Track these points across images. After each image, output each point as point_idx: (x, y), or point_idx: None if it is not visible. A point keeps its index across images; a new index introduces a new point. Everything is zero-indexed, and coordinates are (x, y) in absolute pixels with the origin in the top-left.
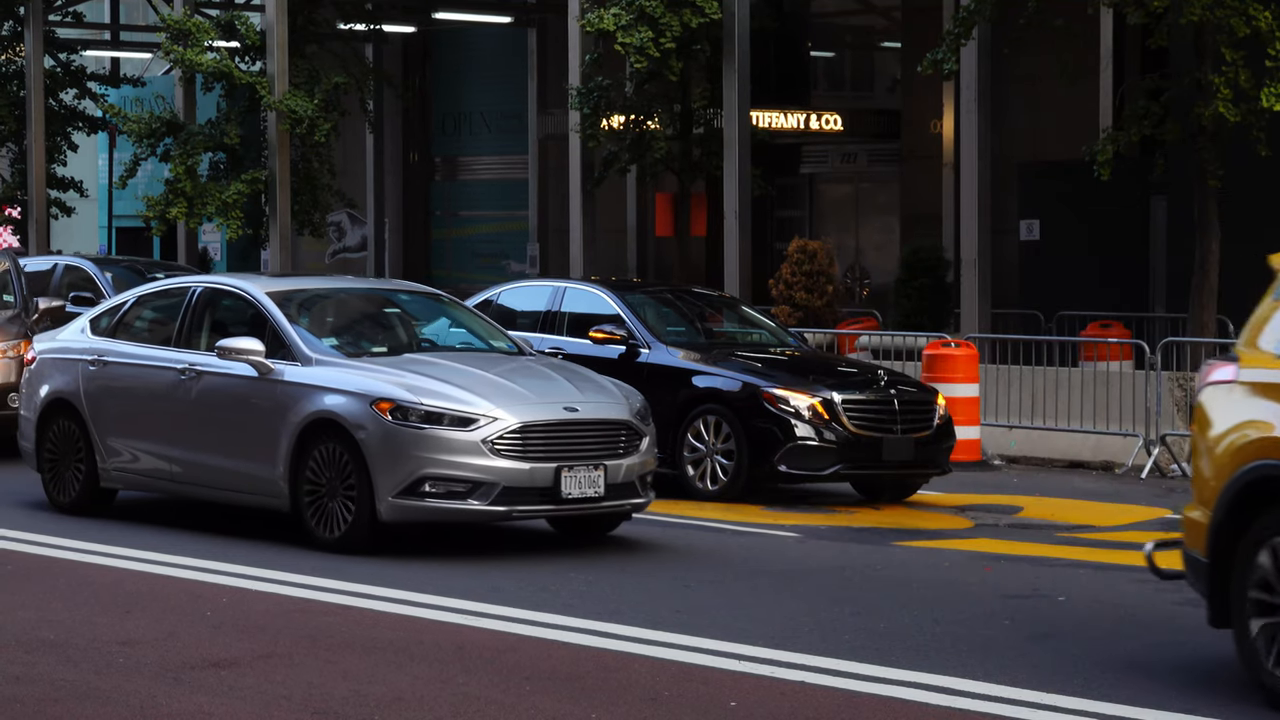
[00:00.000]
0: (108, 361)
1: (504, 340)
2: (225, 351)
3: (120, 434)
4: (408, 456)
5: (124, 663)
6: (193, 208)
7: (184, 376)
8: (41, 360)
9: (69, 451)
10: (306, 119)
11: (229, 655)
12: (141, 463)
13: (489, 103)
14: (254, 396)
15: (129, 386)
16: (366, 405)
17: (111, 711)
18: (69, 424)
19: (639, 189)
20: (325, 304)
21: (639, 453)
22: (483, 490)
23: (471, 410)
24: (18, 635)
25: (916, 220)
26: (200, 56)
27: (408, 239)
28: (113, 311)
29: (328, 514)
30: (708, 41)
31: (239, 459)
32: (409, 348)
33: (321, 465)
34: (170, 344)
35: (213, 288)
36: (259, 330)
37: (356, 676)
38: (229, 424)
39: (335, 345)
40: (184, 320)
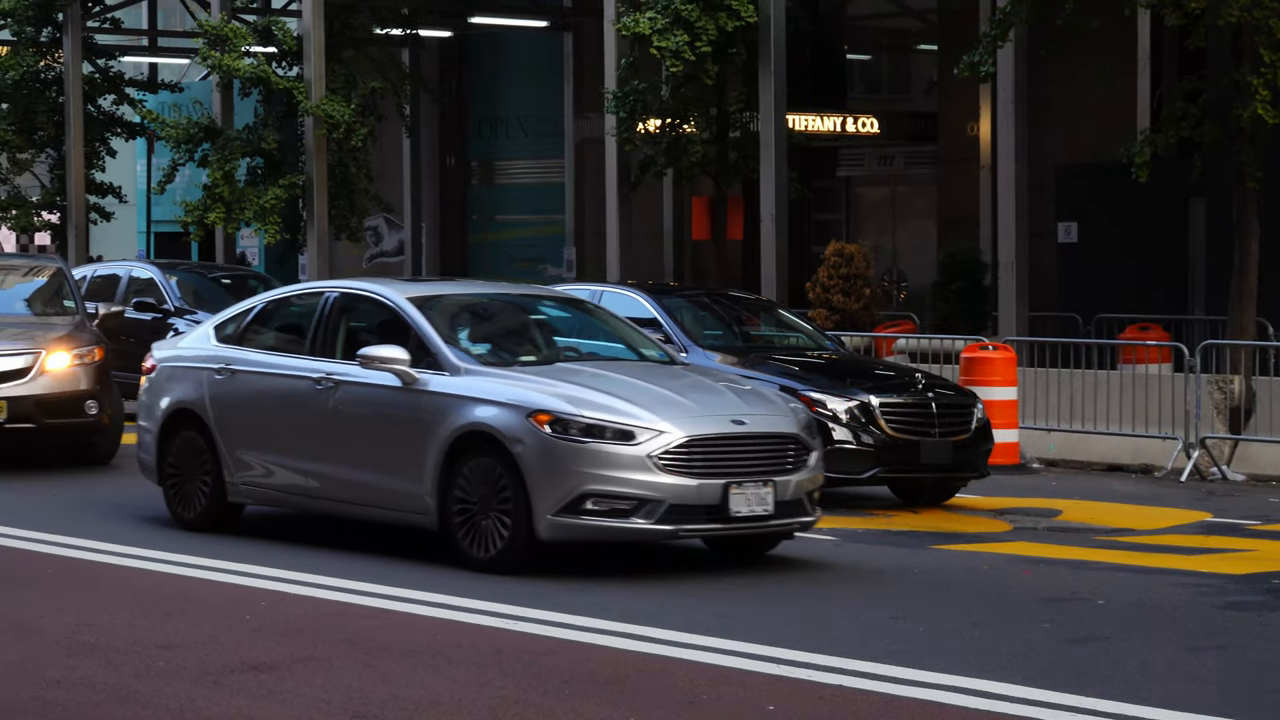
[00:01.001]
0: (236, 370)
1: (654, 348)
2: (368, 360)
3: (251, 446)
4: (569, 472)
5: (164, 666)
6: (231, 213)
7: (320, 386)
8: (162, 369)
9: (194, 465)
10: (343, 123)
11: (268, 659)
12: (275, 477)
13: (525, 107)
14: (398, 407)
15: (260, 396)
16: (523, 417)
17: (151, 715)
18: (193, 436)
19: (675, 192)
20: (468, 310)
21: (807, 468)
22: (648, 508)
23: (635, 423)
24: (59, 638)
25: (954, 223)
26: (237, 62)
27: (445, 243)
28: (239, 318)
29: (480, 532)
30: (743, 45)
31: (382, 473)
32: (558, 356)
33: (473, 481)
34: (303, 352)
35: (349, 293)
36: (400, 338)
37: (395, 680)
38: (371, 437)
39: (483, 354)
40: (318, 327)
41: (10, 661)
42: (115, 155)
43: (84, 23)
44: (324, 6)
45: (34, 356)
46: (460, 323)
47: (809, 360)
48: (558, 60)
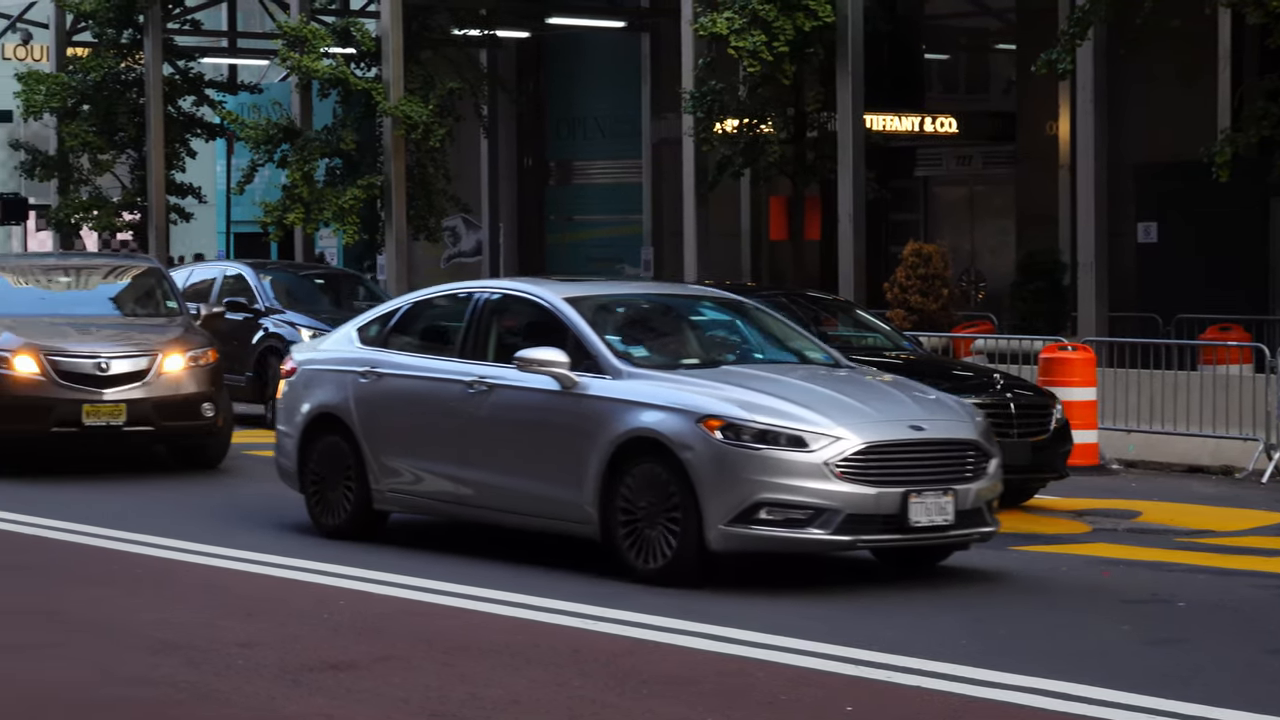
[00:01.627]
0: (382, 373)
1: (819, 350)
2: (525, 363)
3: (398, 452)
4: (742, 480)
5: (244, 665)
6: (309, 213)
7: (473, 390)
8: (303, 372)
9: (337, 471)
10: (421, 124)
11: (347, 657)
12: (424, 484)
13: (603, 107)
14: (556, 412)
15: (408, 401)
16: (692, 423)
17: (231, 713)
18: (337, 441)
19: (753, 192)
20: (625, 310)
21: (987, 476)
22: (825, 518)
23: (811, 429)
24: (141, 637)
25: (1032, 222)
26: (316, 63)
27: (522, 244)
28: (384, 319)
29: (646, 543)
30: (821, 45)
31: (539, 481)
32: (722, 359)
33: (638, 489)
34: (453, 354)
35: (501, 293)
36: (557, 340)
37: (473, 679)
38: (527, 443)
39: (644, 356)
40: (468, 328)
41: (96, 658)
42: (195, 156)
43: (164, 24)
44: (402, 8)
45: (151, 358)
46: (618, 324)
47: (886, 361)
48: (635, 61)
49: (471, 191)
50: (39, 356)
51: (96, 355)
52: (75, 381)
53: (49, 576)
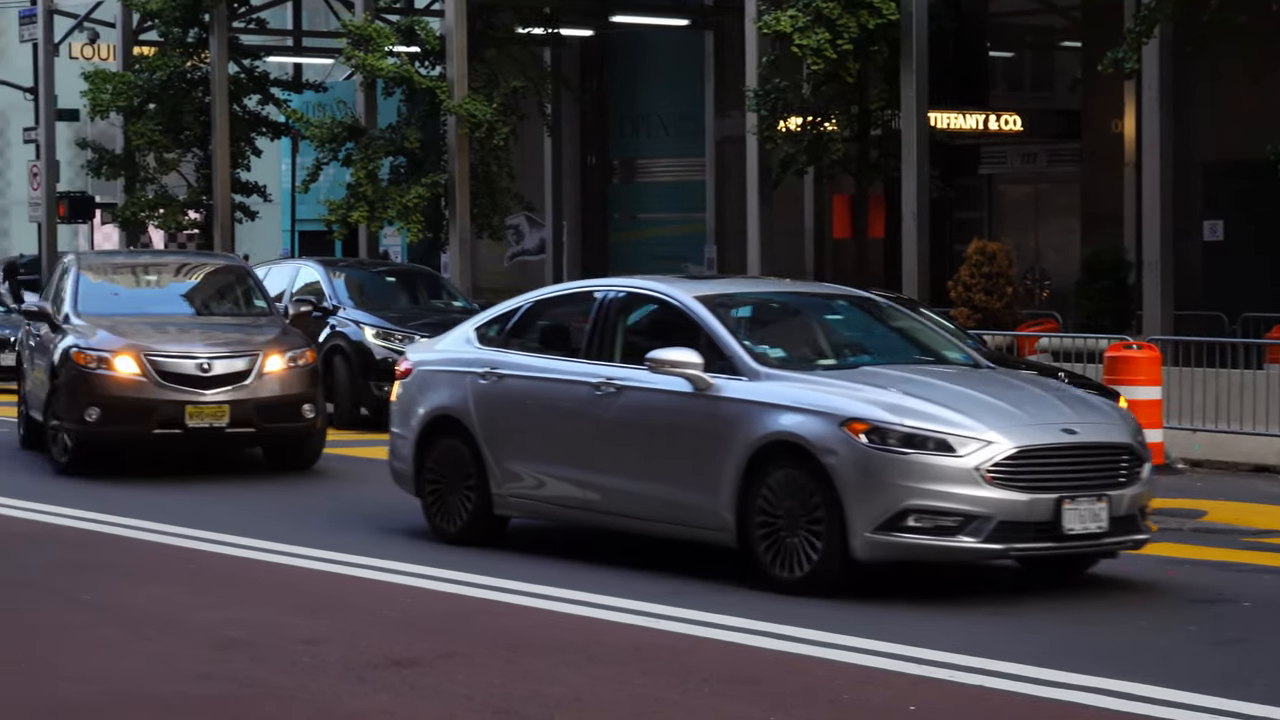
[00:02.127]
0: (503, 374)
1: (957, 350)
2: (657, 364)
3: (521, 456)
4: (889, 485)
5: (308, 661)
6: (374, 211)
7: (600, 392)
8: (420, 373)
9: (456, 475)
10: (485, 122)
11: (411, 654)
12: (548, 489)
13: (666, 105)
14: (690, 415)
15: (531, 402)
16: (835, 426)
17: (295, 710)
18: (456, 444)
19: (816, 191)
20: (758, 310)
21: (1140, 481)
22: (975, 525)
23: (961, 432)
24: (207, 634)
25: (1097, 221)
26: (381, 62)
27: (586, 242)
28: (504, 319)
29: (787, 551)
30: (885, 42)
31: (672, 486)
32: (860, 359)
33: (778, 495)
34: (578, 355)
35: (629, 292)
36: (689, 340)
37: (537, 677)
38: (659, 446)
39: (780, 357)
40: (594, 328)
41: (162, 655)
42: (260, 154)
43: (230, 23)
44: (466, 6)
45: (252, 359)
46: (750, 324)
47: None
48: (699, 58)
49: (535, 190)
50: (139, 357)
51: (198, 356)
52: (177, 382)
53: (126, 575)
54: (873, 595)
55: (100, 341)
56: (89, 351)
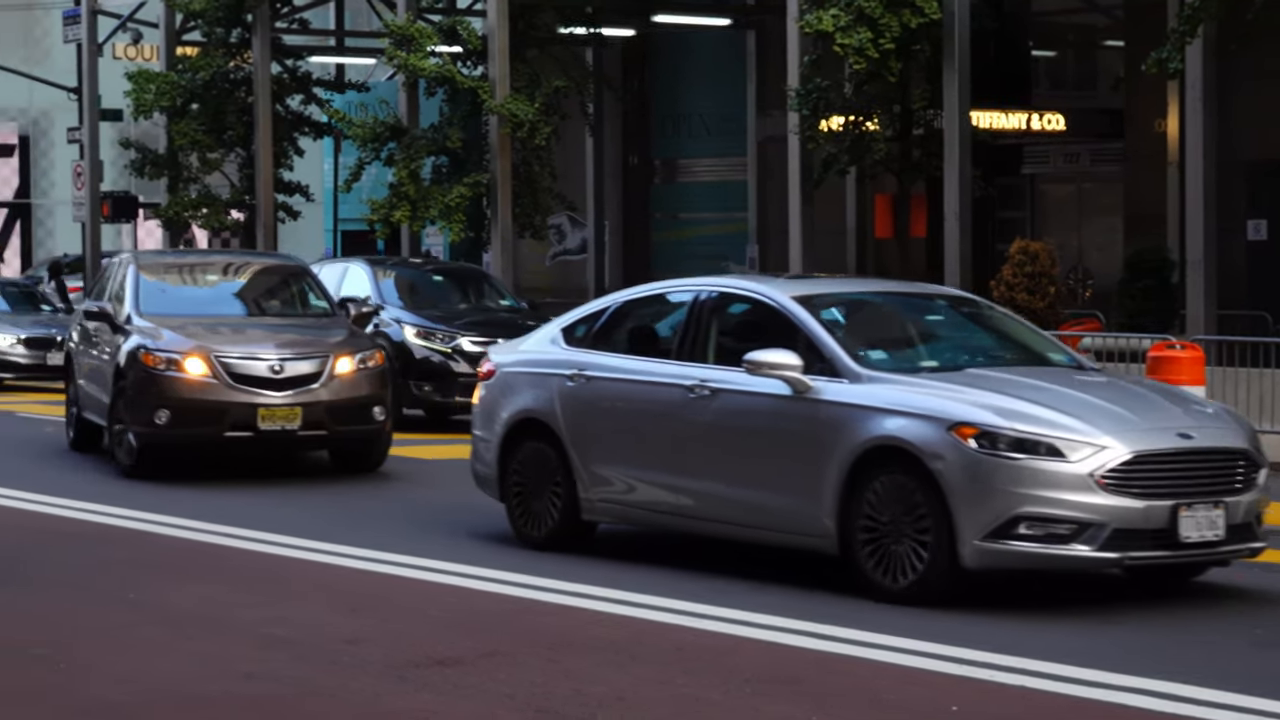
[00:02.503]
0: (591, 376)
1: (1060, 352)
2: (755, 366)
3: (610, 460)
4: (999, 492)
5: (350, 661)
6: (416, 211)
7: (694, 394)
8: (504, 374)
9: (542, 479)
10: (527, 122)
11: (452, 654)
12: (638, 493)
13: (708, 105)
14: (789, 418)
15: (621, 405)
16: (943, 430)
17: (336, 709)
18: (542, 447)
19: (858, 190)
20: (856, 310)
21: (1257, 487)
22: (1090, 533)
23: (1073, 437)
24: (251, 633)
25: (1140, 220)
26: (423, 61)
27: (627, 241)
28: (591, 319)
29: (892, 559)
30: (927, 42)
31: (770, 492)
32: (964, 361)
33: (882, 501)
34: (670, 356)
35: (723, 292)
36: (785, 340)
37: (578, 676)
38: (756, 451)
39: (881, 359)
40: (687, 329)
41: (204, 654)
42: (303, 154)
43: (272, 24)
44: (508, 6)
45: (323, 360)
46: (850, 325)
47: None
48: (740, 58)
49: (576, 189)
50: (210, 358)
51: (269, 357)
52: (249, 384)
53: (175, 574)
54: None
55: (168, 343)
56: (157, 353)
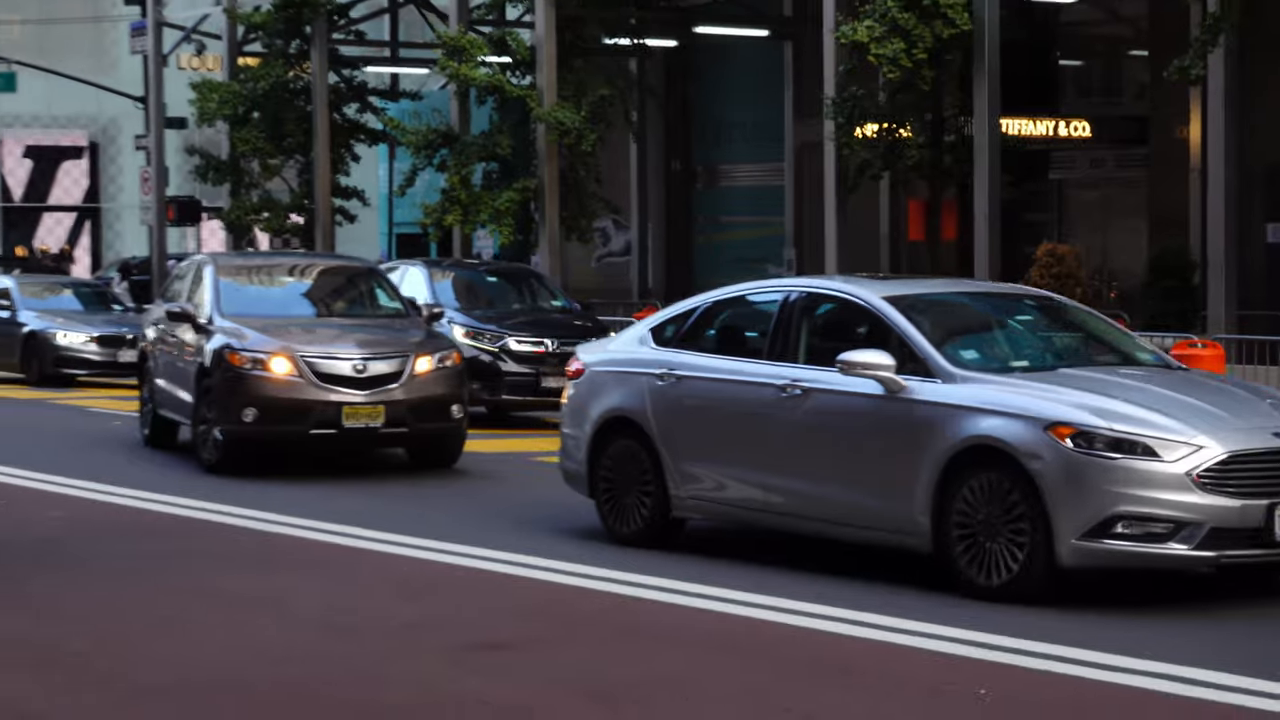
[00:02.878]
0: (682, 375)
1: (1147, 351)
2: (849, 366)
3: (700, 458)
4: (1097, 491)
5: (406, 646)
6: (467, 215)
7: (785, 394)
8: (593, 373)
9: (631, 476)
10: (574, 130)
11: (506, 639)
12: (729, 491)
13: (747, 113)
14: (881, 418)
15: (712, 404)
16: (1040, 430)
17: (394, 692)
18: (632, 445)
19: (891, 195)
20: (946, 311)
21: None
22: (1187, 532)
23: (1169, 436)
24: (314, 619)
25: (1163, 224)
26: (474, 71)
27: (670, 244)
28: (679, 319)
29: (987, 557)
30: (959, 51)
31: (861, 490)
32: (1054, 361)
33: (977, 500)
34: (760, 356)
35: (813, 293)
36: (877, 341)
37: (629, 660)
38: (848, 449)
39: (973, 359)
40: (776, 329)
41: (265, 639)
42: (359, 160)
43: (330, 35)
44: (555, 18)
45: (403, 360)
46: (941, 324)
47: None
48: (778, 68)
49: (621, 194)
50: (295, 358)
51: (352, 357)
52: (333, 383)
53: (240, 562)
54: None
55: (254, 343)
56: (243, 353)
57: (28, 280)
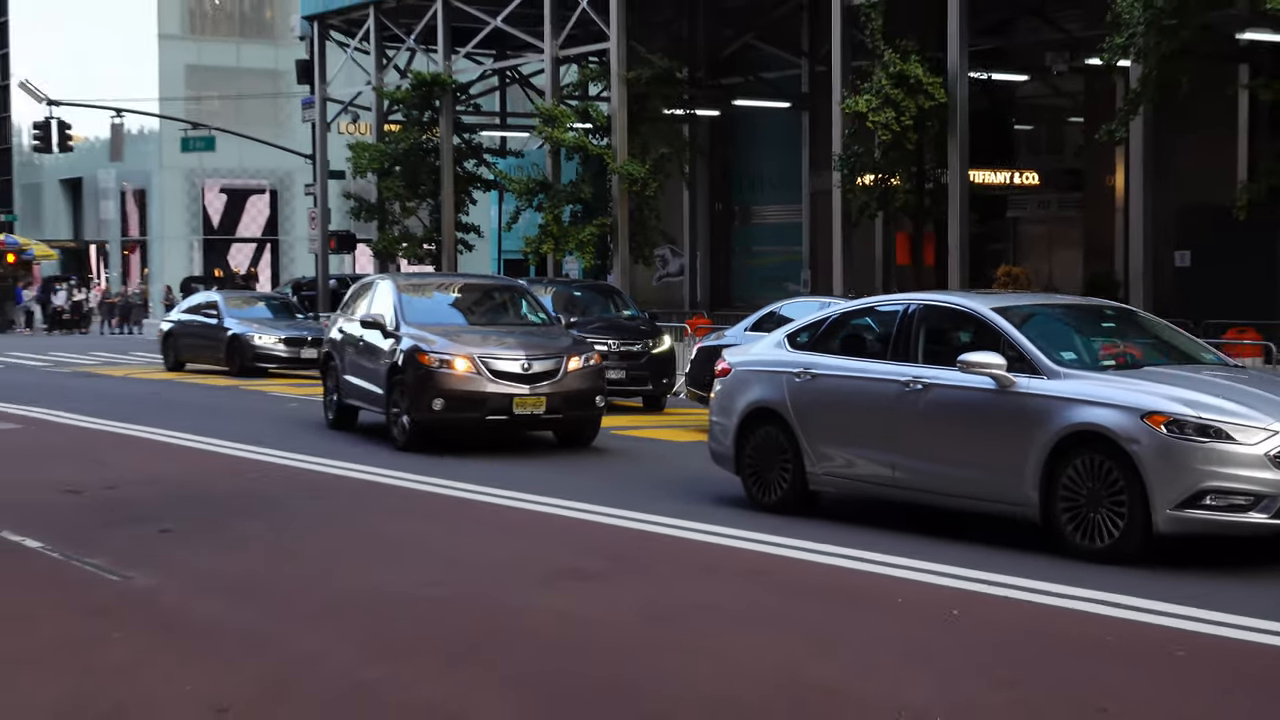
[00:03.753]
0: (816, 373)
1: (1209, 352)
2: (967, 365)
3: (833, 441)
4: (1188, 469)
5: (506, 575)
6: (558, 244)
7: (907, 388)
8: (738, 372)
9: (772, 456)
10: (640, 179)
11: (586, 571)
12: (857, 468)
13: (773, 166)
14: (995, 408)
15: (844, 397)
16: (1137, 418)
17: (499, 611)
18: (772, 431)
19: (884, 230)
20: (1044, 319)
21: None
22: (1265, 503)
23: (1248, 423)
24: (439, 557)
25: (1095, 252)
26: (564, 135)
27: (714, 267)
28: (812, 328)
29: (1089, 524)
30: (936, 119)
31: (978, 468)
32: (1138, 361)
33: (1081, 476)
34: (882, 357)
35: (930, 305)
36: (987, 344)
37: (678, 589)
38: (966, 434)
39: (1071, 359)
40: (898, 335)
41: (404, 569)
42: (475, 203)
43: (454, 108)
44: (626, 95)
45: (559, 360)
46: (1041, 330)
47: None
48: (797, 132)
49: (676, 228)
50: (474, 359)
51: (520, 358)
52: (505, 379)
53: (400, 514)
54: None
55: (441, 346)
56: (432, 354)
57: (230, 294)
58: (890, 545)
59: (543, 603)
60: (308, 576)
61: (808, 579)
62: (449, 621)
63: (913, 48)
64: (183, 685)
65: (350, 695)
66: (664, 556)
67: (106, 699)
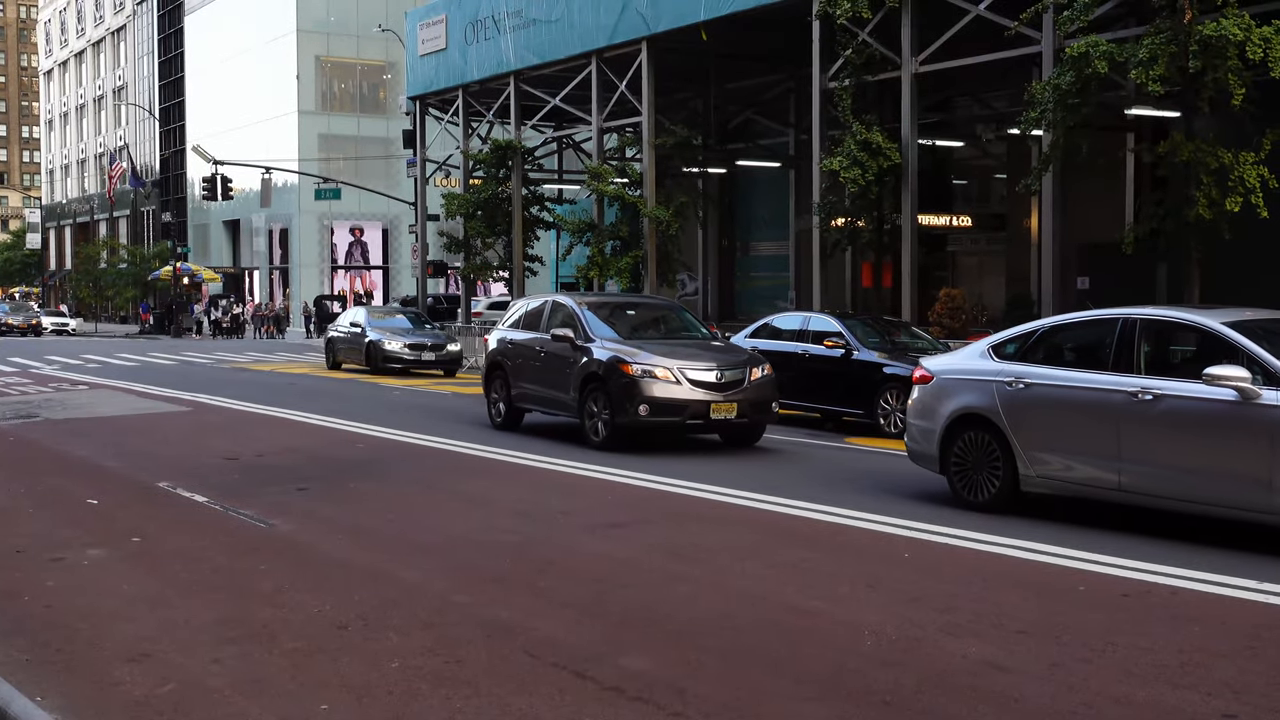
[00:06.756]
0: (1030, 382)
1: None
2: (1213, 378)
3: (1049, 446)
4: None
5: (561, 522)
6: (602, 272)
7: (1137, 398)
8: (939, 380)
9: (980, 459)
10: (665, 222)
11: (619, 520)
12: (1076, 472)
13: (766, 210)
14: (1238, 419)
15: (1063, 404)
16: None
17: (551, 549)
18: (980, 435)
19: (853, 260)
20: (1275, 333)
21: None
22: None
23: None
24: (510, 508)
25: (1015, 278)
26: (606, 187)
27: (720, 289)
28: (1020, 339)
29: None
30: (893, 175)
31: (1216, 476)
32: None
33: None
34: (1100, 369)
35: (1151, 319)
36: (1220, 358)
37: (694, 534)
38: (1204, 443)
39: None
40: (1118, 347)
41: (480, 519)
42: (538, 239)
43: (523, 166)
44: (655, 158)
45: (743, 370)
46: (1275, 344)
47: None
48: (786, 185)
49: (692, 259)
50: (674, 369)
51: (713, 368)
52: (701, 388)
53: (497, 478)
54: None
55: (642, 359)
56: (634, 364)
57: (373, 308)
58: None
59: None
60: (389, 523)
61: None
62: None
63: (874, 121)
64: (314, 608)
65: (443, 611)
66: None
67: (256, 619)
